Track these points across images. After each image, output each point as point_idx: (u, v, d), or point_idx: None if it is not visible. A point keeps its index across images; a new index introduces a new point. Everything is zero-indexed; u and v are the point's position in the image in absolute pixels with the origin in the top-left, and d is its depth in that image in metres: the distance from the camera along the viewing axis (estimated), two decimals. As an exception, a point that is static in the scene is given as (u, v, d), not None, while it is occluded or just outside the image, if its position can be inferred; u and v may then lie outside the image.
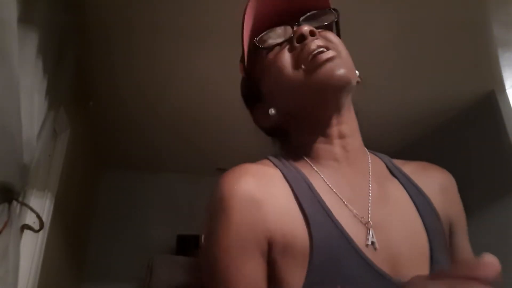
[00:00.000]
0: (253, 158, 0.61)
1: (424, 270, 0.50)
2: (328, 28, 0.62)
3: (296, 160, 0.59)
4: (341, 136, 0.58)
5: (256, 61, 0.62)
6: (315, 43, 0.55)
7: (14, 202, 1.18)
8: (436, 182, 0.61)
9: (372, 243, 0.50)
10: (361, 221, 0.52)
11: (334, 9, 0.62)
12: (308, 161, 0.59)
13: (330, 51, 0.55)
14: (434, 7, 1.65)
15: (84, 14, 1.62)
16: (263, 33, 0.60)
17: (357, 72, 0.60)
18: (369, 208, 0.54)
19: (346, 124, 0.59)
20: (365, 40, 1.83)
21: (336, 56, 0.55)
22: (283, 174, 0.55)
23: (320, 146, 0.59)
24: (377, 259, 0.49)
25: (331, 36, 0.59)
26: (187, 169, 3.50)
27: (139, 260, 3.02)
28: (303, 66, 0.55)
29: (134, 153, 3.17)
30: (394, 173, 0.61)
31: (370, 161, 0.61)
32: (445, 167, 0.65)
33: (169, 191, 3.52)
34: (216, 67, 2.00)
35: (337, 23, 0.63)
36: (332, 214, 0.51)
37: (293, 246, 0.48)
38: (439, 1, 1.62)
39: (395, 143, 2.68)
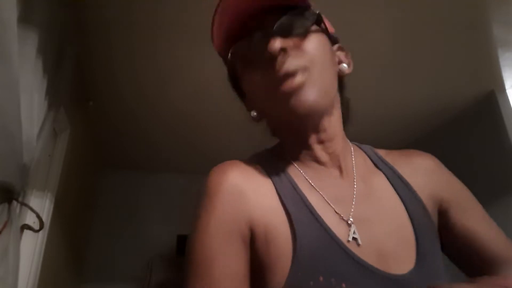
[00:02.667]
0: (253, 158, 0.61)
1: (411, 261, 0.51)
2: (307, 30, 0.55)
3: (281, 159, 0.60)
4: (320, 142, 0.59)
5: (232, 69, 0.62)
6: (284, 66, 0.52)
7: (14, 202, 1.18)
8: (419, 168, 0.62)
9: (354, 239, 0.51)
10: (343, 219, 0.53)
11: (312, 9, 0.56)
12: (292, 162, 0.59)
13: (298, 76, 0.51)
14: (434, 7, 1.65)
15: (84, 14, 1.62)
16: (236, 47, 0.57)
17: (344, 65, 0.59)
18: (352, 206, 0.55)
19: (324, 132, 0.58)
20: (365, 40, 1.83)
21: (305, 81, 0.51)
22: (267, 172, 0.57)
23: (302, 150, 0.59)
24: (362, 254, 0.49)
25: (306, 46, 0.54)
26: (187, 169, 3.50)
27: (139, 260, 3.04)
28: (273, 91, 0.53)
29: (134, 153, 3.17)
30: (379, 165, 0.62)
31: (353, 158, 0.61)
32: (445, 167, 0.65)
33: (169, 191, 3.52)
34: (216, 67, 1.99)
35: (318, 23, 0.57)
36: (316, 212, 0.52)
37: (276, 241, 0.50)
38: (439, 1, 1.62)
39: (394, 143, 2.68)
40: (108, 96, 2.29)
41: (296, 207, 0.52)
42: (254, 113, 0.61)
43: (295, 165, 0.59)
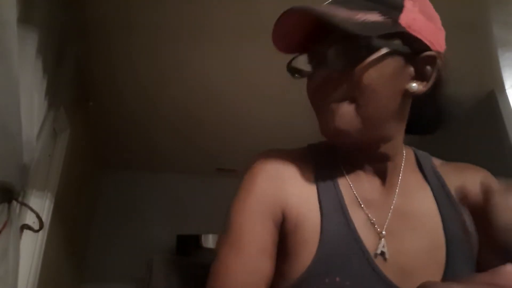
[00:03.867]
0: (253, 158, 0.61)
1: None
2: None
3: (327, 155, 0.60)
4: (371, 162, 0.57)
5: None
6: (320, 102, 0.53)
7: (14, 202, 1.18)
8: (471, 183, 0.57)
9: (382, 253, 0.51)
10: (375, 228, 0.53)
11: (364, 35, 0.47)
12: (337, 159, 0.59)
13: (336, 121, 0.50)
14: (434, 7, 1.65)
15: (84, 14, 1.62)
16: (293, 59, 0.56)
17: (413, 85, 0.52)
18: (388, 218, 0.54)
19: (381, 162, 0.57)
20: (365, 40, 1.82)
21: (341, 126, 0.50)
22: (310, 163, 0.58)
23: (350, 160, 0.59)
24: (385, 268, 0.49)
25: (353, 80, 0.49)
26: (187, 169, 3.50)
27: (139, 260, 3.03)
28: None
29: (134, 153, 3.17)
30: (429, 177, 0.59)
31: (402, 170, 0.59)
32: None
33: (169, 191, 3.52)
34: (216, 67, 2.00)
35: (369, 48, 0.49)
36: (348, 212, 0.53)
37: (304, 231, 0.51)
38: (439, 1, 1.62)
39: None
40: (108, 96, 2.29)
41: (331, 205, 0.53)
42: None
43: (339, 163, 0.59)
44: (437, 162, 0.63)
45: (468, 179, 0.59)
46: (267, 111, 2.38)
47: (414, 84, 0.52)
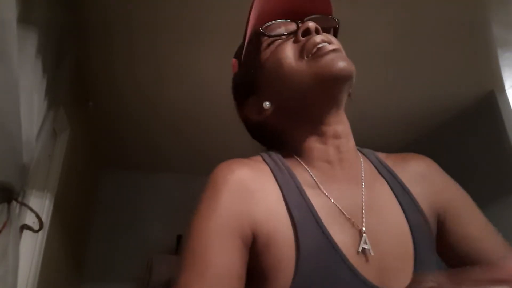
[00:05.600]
0: (253, 158, 0.60)
1: (409, 272, 0.50)
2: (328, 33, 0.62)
3: (287, 159, 0.58)
4: (336, 136, 0.58)
5: (256, 52, 0.61)
6: (319, 37, 0.56)
7: (14, 202, 1.18)
8: (415, 173, 0.61)
9: (363, 250, 0.49)
10: (354, 226, 0.51)
11: (336, 19, 0.63)
12: (300, 161, 0.58)
13: (333, 44, 0.56)
14: (434, 7, 1.65)
15: (84, 14, 1.62)
16: (268, 23, 0.60)
17: None
18: (363, 215, 0.53)
19: (342, 124, 0.59)
20: (365, 40, 1.83)
21: (340, 49, 0.56)
22: (273, 173, 0.55)
23: (314, 145, 0.58)
24: (365, 268, 0.48)
25: (334, 38, 0.59)
26: (187, 169, 3.50)
27: (139, 260, 3.03)
28: (306, 57, 0.55)
29: (134, 153, 3.17)
30: (381, 171, 0.60)
31: (363, 164, 0.60)
32: (445, 167, 0.65)
33: (169, 191, 3.52)
34: (216, 67, 2.00)
35: (336, 31, 0.64)
36: (321, 221, 0.50)
37: (278, 248, 0.48)
38: (439, 1, 1.62)
39: (394, 143, 2.68)
40: (108, 96, 2.29)
41: (301, 214, 0.50)
42: (267, 104, 0.59)
43: (303, 164, 0.57)
44: (382, 155, 0.64)
45: (413, 171, 0.61)
46: (267, 111, 2.38)
47: None
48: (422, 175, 0.61)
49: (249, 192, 0.51)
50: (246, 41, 0.61)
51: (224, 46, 1.89)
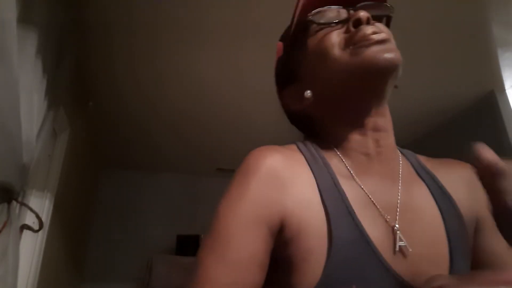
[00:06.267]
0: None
1: None
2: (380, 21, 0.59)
3: (324, 149, 0.56)
4: (376, 129, 0.56)
5: (303, 37, 0.59)
6: (370, 29, 0.53)
7: (14, 202, 1.18)
8: (461, 177, 0.58)
9: (399, 247, 0.48)
10: (387, 222, 0.50)
11: (390, 5, 0.60)
12: (337, 152, 0.56)
13: (381, 34, 0.53)
14: (434, 7, 1.65)
15: (84, 14, 1.62)
16: (318, 10, 0.57)
17: None
18: (397, 212, 0.51)
19: (384, 117, 0.57)
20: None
21: (389, 39, 0.53)
22: (308, 162, 0.53)
23: (353, 136, 0.56)
24: (397, 265, 0.47)
25: (385, 28, 0.56)
26: (187, 169, 3.50)
27: (139, 260, 3.04)
28: (351, 47, 0.53)
29: (134, 153, 3.17)
30: (420, 173, 0.58)
31: (401, 162, 0.58)
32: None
33: (169, 191, 3.53)
34: (216, 67, 2.00)
35: (388, 19, 0.61)
36: (355, 214, 0.49)
37: (309, 238, 0.47)
38: (440, 2, 1.62)
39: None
40: (108, 96, 2.29)
41: (335, 206, 0.49)
42: (308, 93, 0.57)
43: (339, 155, 0.55)
44: (422, 158, 0.63)
45: (458, 176, 0.59)
46: (267, 111, 2.38)
47: None
48: (467, 182, 0.58)
49: (280, 180, 0.50)
50: (294, 25, 0.58)
51: (224, 46, 1.90)
